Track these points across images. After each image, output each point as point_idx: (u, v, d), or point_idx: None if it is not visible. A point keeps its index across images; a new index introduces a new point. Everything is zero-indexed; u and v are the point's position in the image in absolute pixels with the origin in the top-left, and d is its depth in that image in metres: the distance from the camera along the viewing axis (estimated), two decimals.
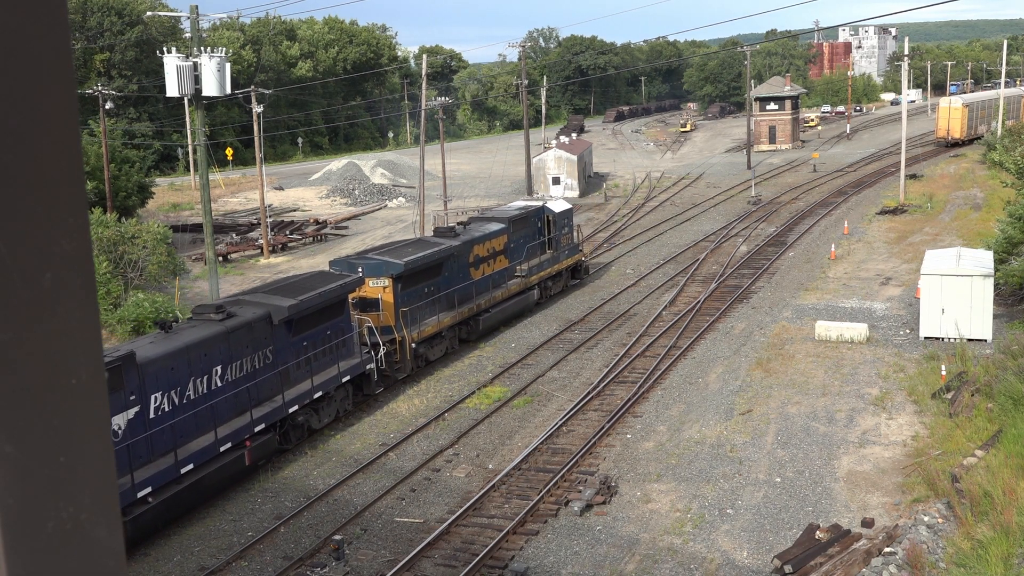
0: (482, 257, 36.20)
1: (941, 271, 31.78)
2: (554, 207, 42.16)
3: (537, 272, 39.83)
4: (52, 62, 1.15)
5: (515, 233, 38.80)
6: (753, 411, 26.94)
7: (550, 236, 41.45)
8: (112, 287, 38.62)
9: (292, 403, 25.57)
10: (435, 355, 32.96)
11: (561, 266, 42.11)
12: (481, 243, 36.18)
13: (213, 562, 20.40)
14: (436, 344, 32.97)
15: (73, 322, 1.18)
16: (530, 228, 40.23)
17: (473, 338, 35.12)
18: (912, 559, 18.07)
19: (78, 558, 1.20)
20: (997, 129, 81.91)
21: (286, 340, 25.90)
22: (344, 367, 27.81)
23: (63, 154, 1.17)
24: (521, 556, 20.06)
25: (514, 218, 39.16)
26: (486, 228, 37.37)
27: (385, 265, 30.72)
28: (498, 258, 37.40)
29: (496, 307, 36.55)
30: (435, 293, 32.83)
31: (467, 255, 35.14)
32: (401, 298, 30.91)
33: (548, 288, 41.23)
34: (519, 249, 39.05)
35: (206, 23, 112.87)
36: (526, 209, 40.86)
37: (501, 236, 37.65)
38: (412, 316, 31.24)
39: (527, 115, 65.47)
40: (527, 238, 39.77)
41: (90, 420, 1.21)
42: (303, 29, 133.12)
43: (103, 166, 53.46)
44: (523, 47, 68.92)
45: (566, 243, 42.84)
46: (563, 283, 42.77)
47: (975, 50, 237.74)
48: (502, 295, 37.17)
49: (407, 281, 31.19)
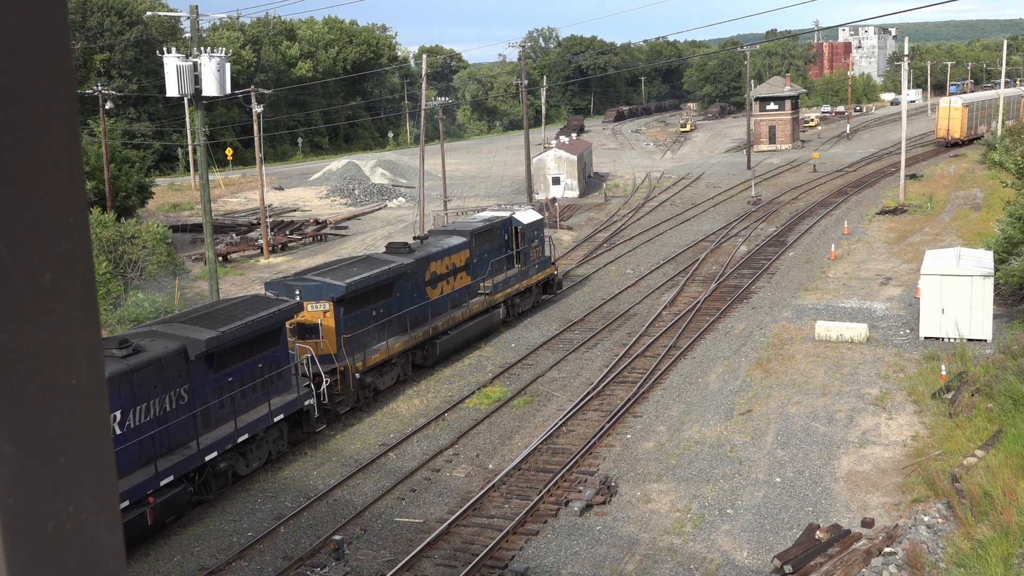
0: (440, 275, 33.52)
1: (941, 271, 31.78)
2: (522, 218, 39.42)
3: (503, 289, 37.14)
4: (52, 62, 1.15)
5: (478, 247, 36.07)
6: (753, 411, 26.95)
7: (518, 249, 38.69)
8: (112, 287, 38.62)
9: (210, 449, 22.53)
10: (385, 384, 30.14)
11: (530, 281, 39.42)
12: (439, 259, 33.51)
13: (213, 562, 20.40)
14: (386, 372, 30.15)
15: (73, 322, 1.18)
16: (495, 241, 37.55)
17: (429, 363, 32.51)
18: (912, 559, 18.07)
19: (78, 558, 1.20)
20: (997, 129, 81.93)
21: (206, 377, 22.79)
22: (277, 404, 24.87)
23: (63, 154, 1.17)
24: (521, 556, 20.06)
25: (477, 231, 36.38)
26: (445, 243, 34.74)
27: (325, 287, 28.02)
28: (459, 275, 34.68)
29: (456, 329, 33.91)
30: (384, 316, 30.15)
31: (422, 273, 32.45)
32: (344, 323, 28.19)
33: (516, 305, 38.62)
34: (483, 264, 36.27)
35: (206, 23, 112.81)
36: (491, 221, 38.05)
37: (462, 251, 34.95)
38: (357, 342, 28.46)
39: (527, 115, 65.49)
40: (492, 252, 37.07)
41: (90, 420, 1.21)
42: (303, 29, 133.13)
43: (103, 166, 53.46)
44: (523, 47, 68.92)
45: (536, 257, 40.00)
46: (533, 299, 40.18)
47: (975, 50, 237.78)
48: (463, 315, 34.42)
49: (351, 304, 28.53)
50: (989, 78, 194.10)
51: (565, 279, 45.96)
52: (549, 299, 42.00)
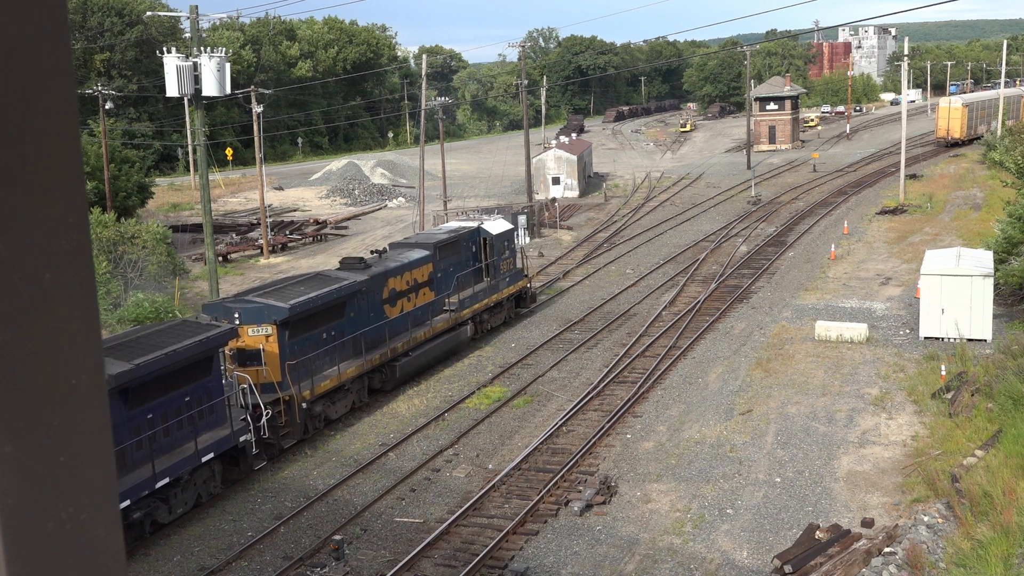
0: (400, 291, 31.39)
1: (941, 271, 31.79)
2: (491, 228, 37.21)
3: (471, 304, 34.94)
4: (52, 62, 1.15)
5: (443, 260, 33.95)
6: (753, 411, 26.95)
7: (487, 262, 36.45)
8: (112, 287, 38.63)
9: (122, 498, 19.85)
10: (337, 412, 27.90)
11: (501, 295, 37.13)
12: (398, 275, 31.36)
13: (213, 562, 20.40)
14: (338, 400, 27.87)
15: (73, 322, 1.18)
16: (462, 254, 35.34)
17: (389, 387, 30.37)
18: (912, 559, 18.07)
19: (78, 558, 1.20)
20: (997, 129, 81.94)
21: (119, 415, 20.30)
22: (207, 442, 22.49)
23: (63, 154, 1.17)
24: (521, 556, 20.06)
25: (441, 243, 34.13)
26: (406, 256, 32.62)
27: (267, 309, 25.63)
28: (421, 291, 32.59)
29: (418, 349, 31.63)
30: (336, 339, 27.86)
31: (379, 290, 30.34)
32: (289, 348, 25.87)
33: (485, 322, 36.36)
34: (447, 279, 34.08)
35: (206, 23, 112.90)
36: (457, 232, 35.70)
37: (424, 265, 32.83)
38: (304, 369, 26.13)
39: (527, 115, 65.48)
40: (458, 266, 34.86)
41: (90, 420, 1.21)
42: (303, 29, 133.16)
43: (103, 166, 53.48)
44: (523, 47, 68.91)
45: (507, 269, 37.76)
46: (504, 314, 37.84)
47: (975, 50, 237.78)
48: (425, 335, 32.25)
49: (296, 327, 26.25)
50: (989, 78, 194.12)
51: (564, 279, 45.96)
52: (526, 312, 39.83)
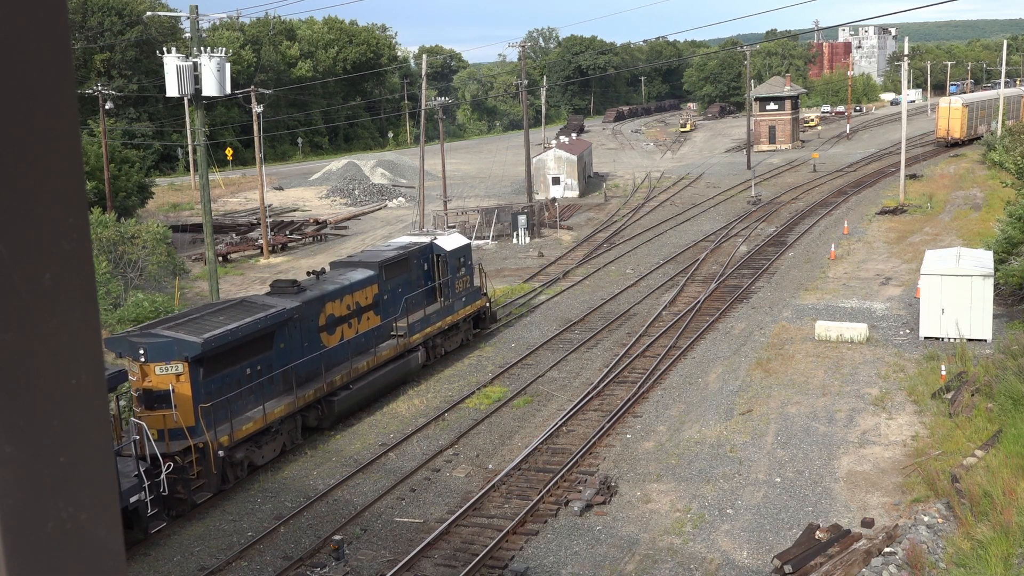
0: (339, 317, 28.60)
1: (941, 271, 31.79)
2: (445, 244, 34.10)
3: (422, 328, 32.04)
4: (52, 62, 1.15)
5: (390, 281, 31.19)
6: (753, 411, 26.95)
7: (440, 281, 33.57)
8: (112, 287, 38.63)
9: None
10: (264, 457, 24.84)
11: (456, 317, 34.23)
12: (337, 298, 28.55)
13: (213, 562, 20.40)
14: (264, 443, 24.85)
15: (73, 322, 1.18)
16: (411, 273, 32.58)
17: (326, 424, 27.46)
18: (912, 559, 18.08)
19: (78, 558, 1.20)
20: (997, 129, 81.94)
21: None
22: None
23: (63, 154, 1.17)
24: (521, 556, 20.06)
25: (388, 261, 31.33)
26: (347, 277, 29.74)
27: (177, 344, 22.62)
28: (365, 315, 29.83)
29: (360, 381, 28.71)
30: (262, 374, 24.97)
31: (315, 317, 27.49)
32: (204, 388, 23.00)
33: (438, 347, 33.52)
34: (395, 301, 31.26)
35: (206, 23, 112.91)
36: (406, 249, 32.87)
37: (369, 286, 30.07)
38: (221, 411, 23.23)
39: (527, 115, 65.48)
40: (407, 286, 32.10)
41: (90, 420, 1.21)
42: (303, 29, 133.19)
43: (103, 166, 53.48)
44: (523, 47, 68.92)
45: (463, 288, 34.72)
46: (461, 337, 35.03)
47: (975, 50, 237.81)
48: (369, 364, 29.32)
49: (212, 364, 23.33)
50: (989, 78, 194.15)
51: (564, 279, 45.94)
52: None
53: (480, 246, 55.05)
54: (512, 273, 48.05)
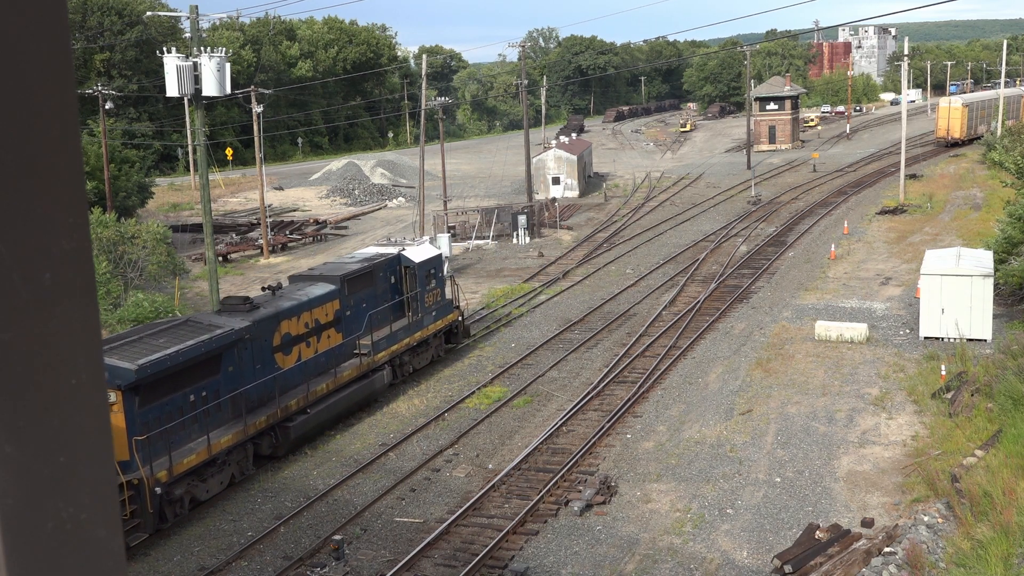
0: (297, 335, 26.68)
1: (941, 271, 31.79)
2: (413, 255, 32.23)
3: (388, 346, 30.19)
4: (52, 62, 1.15)
5: (352, 295, 29.35)
6: (753, 411, 26.95)
7: (409, 295, 31.74)
8: (112, 287, 38.62)
9: None
10: (209, 491, 22.84)
11: (426, 333, 32.40)
12: (294, 316, 26.61)
13: (213, 562, 20.41)
14: (210, 476, 22.86)
15: (73, 322, 1.18)
16: (377, 286, 30.71)
17: (281, 452, 25.48)
18: (912, 559, 18.08)
19: (78, 558, 1.20)
20: (997, 129, 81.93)
21: None
22: None
23: (63, 154, 1.17)
24: (521, 556, 20.07)
25: (351, 275, 29.45)
26: (306, 293, 27.87)
27: (108, 371, 20.20)
28: (325, 333, 27.94)
29: (319, 404, 26.83)
30: (208, 400, 22.97)
31: (268, 336, 25.53)
32: (139, 419, 20.99)
33: (406, 364, 31.65)
34: (359, 317, 29.41)
35: (206, 23, 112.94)
36: (371, 261, 31.04)
37: (329, 302, 28.20)
38: (159, 443, 21.30)
39: (527, 115, 65.48)
40: (372, 300, 30.23)
41: (90, 420, 1.21)
42: (303, 29, 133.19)
43: (103, 166, 53.48)
44: (523, 47, 68.92)
45: (433, 302, 32.85)
46: (431, 353, 33.22)
47: (975, 50, 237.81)
48: (328, 386, 27.40)
49: (149, 392, 21.36)
50: (989, 78, 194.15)
51: (564, 279, 45.94)
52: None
53: (480, 246, 55.07)
54: (512, 273, 48.05)
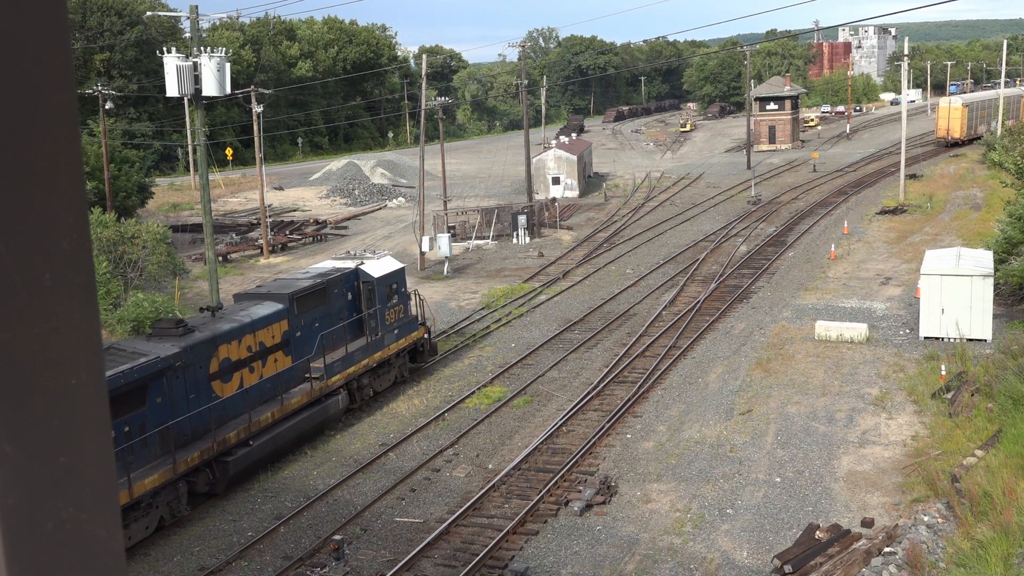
0: (238, 361, 24.60)
1: (941, 271, 31.79)
2: (372, 269, 30.19)
3: (343, 368, 28.10)
4: (52, 62, 1.15)
5: (303, 314, 27.25)
6: (753, 411, 26.95)
7: (367, 312, 29.69)
8: (112, 287, 38.62)
9: None
10: (131, 538, 20.88)
11: (387, 352, 30.25)
12: (234, 339, 24.57)
13: (213, 562, 20.41)
14: (133, 521, 20.83)
15: (73, 322, 1.18)
16: (331, 304, 28.54)
17: (220, 489, 23.39)
18: (912, 559, 18.08)
19: (78, 558, 1.20)
20: (997, 129, 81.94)
21: None
22: None
23: (63, 154, 1.17)
24: (521, 556, 20.07)
25: (301, 293, 27.26)
26: (248, 313, 25.72)
27: None
28: (272, 356, 25.85)
29: (263, 435, 24.69)
30: (131, 436, 21.09)
31: (204, 363, 23.51)
32: None
33: (365, 387, 29.47)
34: (310, 337, 27.33)
35: (206, 23, 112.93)
36: (325, 277, 28.74)
37: (276, 323, 26.09)
38: None
39: (527, 115, 65.48)
40: (326, 320, 28.15)
41: (90, 420, 1.21)
42: (303, 29, 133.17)
43: (103, 166, 53.48)
44: (523, 47, 68.90)
45: (395, 319, 30.77)
46: (395, 374, 31.09)
47: (975, 50, 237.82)
48: (274, 415, 25.21)
49: None
50: (989, 78, 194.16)
51: (564, 279, 45.93)
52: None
53: (480, 246, 55.07)
54: (512, 273, 48.06)
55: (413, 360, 32.50)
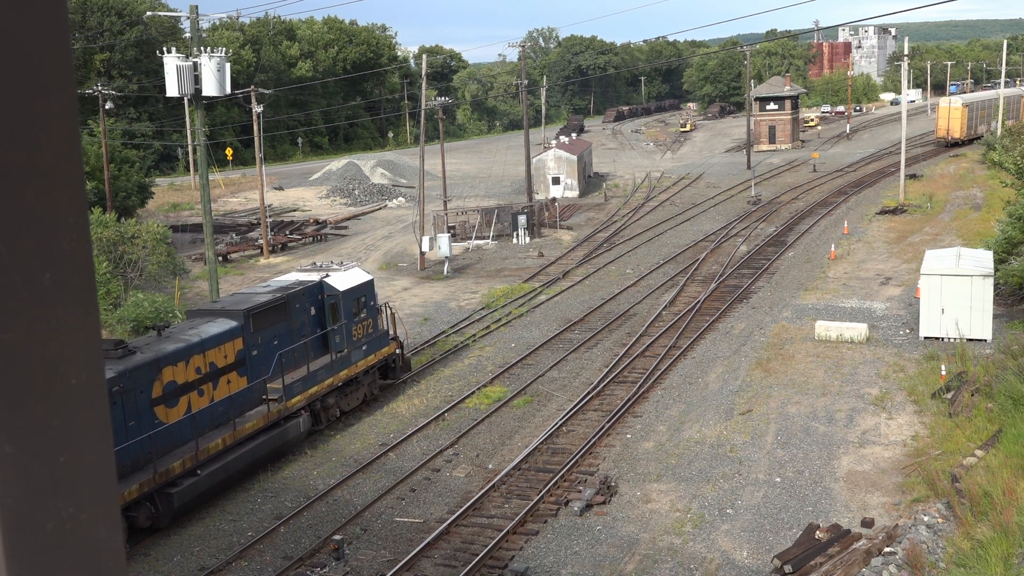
0: (184, 384, 22.91)
1: (941, 271, 31.79)
2: (338, 282, 28.29)
3: (304, 389, 26.28)
4: (52, 62, 1.15)
5: (260, 332, 25.38)
6: (753, 411, 26.95)
7: (332, 327, 27.79)
8: (112, 287, 38.62)
9: None
10: None
11: (354, 370, 28.58)
12: (181, 360, 22.82)
13: (213, 562, 20.41)
14: None
15: (73, 322, 1.18)
16: (292, 320, 26.70)
17: (165, 523, 21.75)
18: (912, 559, 18.07)
19: (78, 558, 1.20)
20: (997, 129, 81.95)
21: None
22: None
23: (63, 154, 1.17)
24: (521, 556, 20.07)
25: (257, 309, 25.39)
26: (198, 332, 23.89)
27: None
28: (224, 378, 24.15)
29: (213, 464, 22.92)
30: None
31: (146, 387, 21.80)
32: None
33: (331, 407, 27.80)
34: (268, 356, 25.56)
35: (206, 23, 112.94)
36: (285, 291, 26.85)
37: (229, 341, 24.32)
38: None
39: (527, 115, 65.48)
40: (285, 337, 26.33)
41: (90, 420, 1.21)
42: (303, 29, 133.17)
43: (103, 166, 53.48)
44: (523, 47, 68.90)
45: (363, 334, 29.09)
46: (364, 392, 29.38)
47: (975, 50, 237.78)
48: (226, 441, 23.43)
49: None
50: (989, 78, 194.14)
51: (565, 279, 45.93)
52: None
53: (480, 246, 55.07)
54: (512, 273, 48.06)
55: (384, 377, 30.97)
